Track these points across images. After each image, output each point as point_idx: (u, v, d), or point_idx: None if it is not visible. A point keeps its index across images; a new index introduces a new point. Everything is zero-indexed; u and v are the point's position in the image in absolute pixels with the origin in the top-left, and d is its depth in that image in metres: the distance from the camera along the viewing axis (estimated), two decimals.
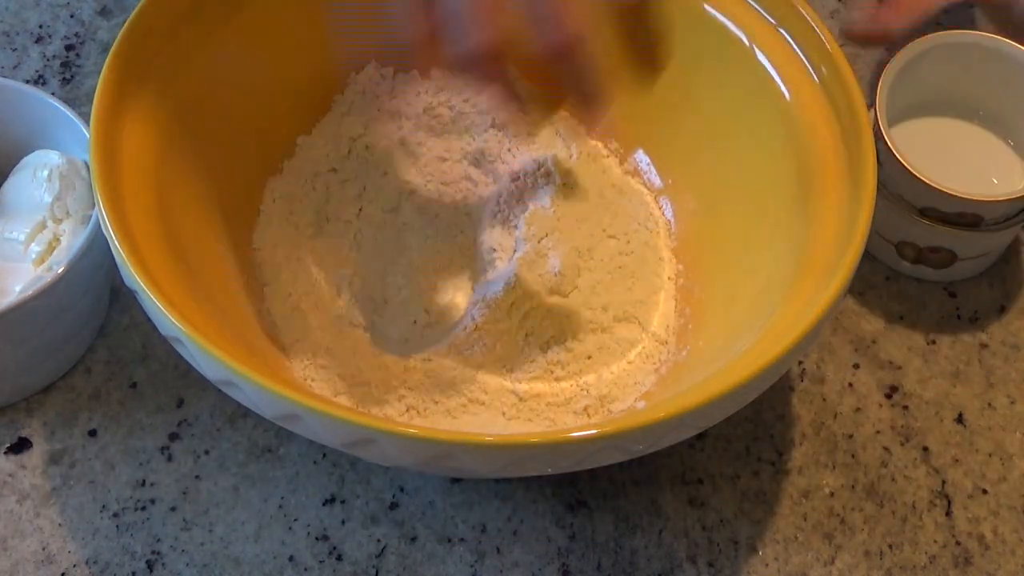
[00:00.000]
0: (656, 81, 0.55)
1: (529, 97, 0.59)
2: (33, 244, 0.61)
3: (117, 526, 0.60)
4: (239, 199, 0.64)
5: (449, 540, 0.60)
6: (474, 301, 0.62)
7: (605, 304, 0.63)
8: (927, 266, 0.69)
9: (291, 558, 0.59)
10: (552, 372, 0.61)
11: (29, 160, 0.63)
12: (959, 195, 0.64)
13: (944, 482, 0.63)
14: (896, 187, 0.66)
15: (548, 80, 0.53)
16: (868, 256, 0.70)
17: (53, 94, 0.65)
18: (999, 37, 0.69)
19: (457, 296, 0.63)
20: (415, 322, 0.62)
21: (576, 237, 0.64)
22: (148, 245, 0.54)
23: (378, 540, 0.60)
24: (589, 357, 0.62)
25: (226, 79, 0.63)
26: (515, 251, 0.63)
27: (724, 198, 0.64)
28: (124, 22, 0.58)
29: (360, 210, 0.65)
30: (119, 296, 0.66)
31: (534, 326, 0.62)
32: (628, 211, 0.67)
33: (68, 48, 0.77)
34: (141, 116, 0.58)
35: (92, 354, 0.65)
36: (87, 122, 0.56)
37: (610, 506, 0.61)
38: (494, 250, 0.64)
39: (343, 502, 0.61)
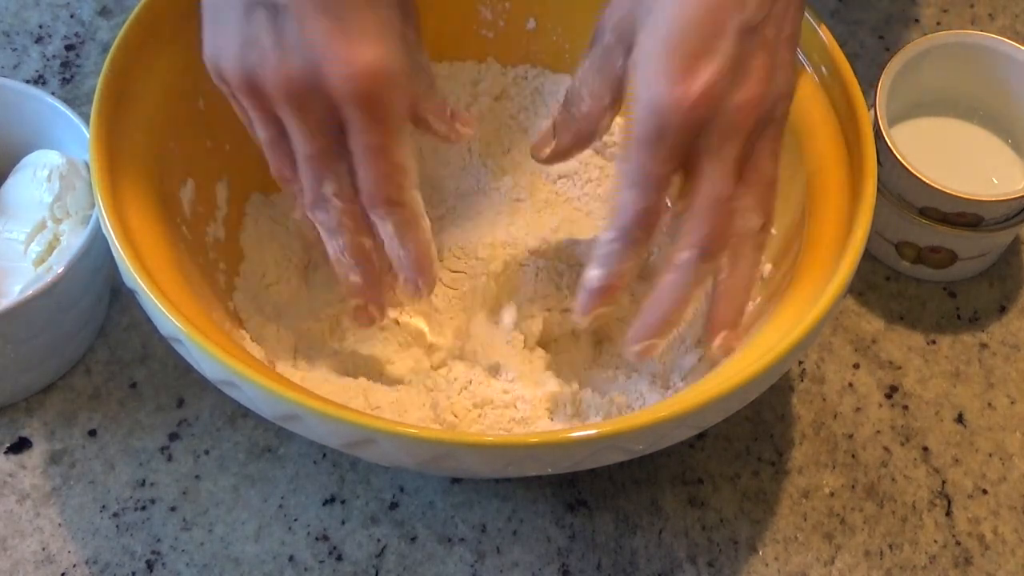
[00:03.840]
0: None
1: None
2: (33, 244, 0.61)
3: (117, 526, 0.60)
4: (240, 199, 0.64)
5: (449, 540, 0.60)
6: None
7: None
8: (927, 266, 0.69)
9: (291, 558, 0.59)
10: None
11: (29, 160, 0.63)
12: (959, 195, 0.64)
13: (944, 482, 0.63)
14: (896, 187, 0.66)
15: None
16: (868, 256, 0.70)
17: (53, 94, 0.65)
18: (999, 37, 0.69)
19: None
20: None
21: None
22: (148, 245, 0.54)
23: (378, 540, 0.60)
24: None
25: None
26: None
27: None
28: (124, 22, 0.58)
29: None
30: (119, 296, 0.66)
31: None
32: None
33: (68, 48, 0.77)
34: (141, 116, 0.58)
35: (92, 354, 0.65)
36: (87, 122, 0.56)
37: (610, 506, 0.61)
38: None
39: (343, 502, 0.61)
